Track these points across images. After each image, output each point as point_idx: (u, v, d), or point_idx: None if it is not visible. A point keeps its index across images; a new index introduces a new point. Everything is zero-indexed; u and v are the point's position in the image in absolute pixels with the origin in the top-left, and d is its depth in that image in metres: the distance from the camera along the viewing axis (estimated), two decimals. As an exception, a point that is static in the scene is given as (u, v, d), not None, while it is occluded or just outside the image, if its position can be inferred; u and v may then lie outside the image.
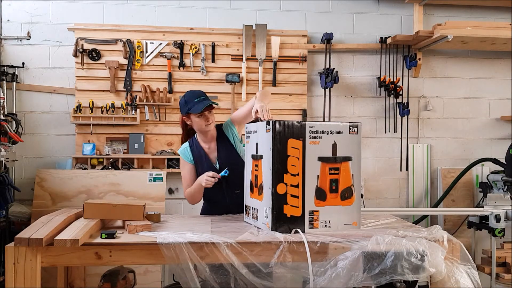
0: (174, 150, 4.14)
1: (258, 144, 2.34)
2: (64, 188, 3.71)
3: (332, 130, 2.25)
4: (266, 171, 2.23)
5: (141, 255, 2.03)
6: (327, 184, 2.23)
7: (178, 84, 4.18)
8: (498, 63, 4.63)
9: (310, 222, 2.20)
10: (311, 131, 2.20)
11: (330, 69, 4.24)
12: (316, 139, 2.21)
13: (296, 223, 2.18)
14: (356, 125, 2.30)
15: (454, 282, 1.99)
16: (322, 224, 2.23)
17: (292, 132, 2.18)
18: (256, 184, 2.34)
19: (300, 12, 4.38)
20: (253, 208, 2.39)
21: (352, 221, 2.30)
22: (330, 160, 2.24)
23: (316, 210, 2.21)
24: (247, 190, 2.48)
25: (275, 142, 2.16)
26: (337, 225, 2.25)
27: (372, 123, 4.47)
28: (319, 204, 2.22)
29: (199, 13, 4.27)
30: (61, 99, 4.14)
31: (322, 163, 2.23)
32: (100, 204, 2.33)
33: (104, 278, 2.87)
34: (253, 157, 2.40)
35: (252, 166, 2.40)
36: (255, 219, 2.35)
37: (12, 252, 1.91)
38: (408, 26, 4.47)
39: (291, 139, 2.18)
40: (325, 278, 1.93)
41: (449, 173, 4.46)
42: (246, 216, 2.49)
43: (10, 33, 4.08)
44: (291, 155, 2.18)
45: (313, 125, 2.21)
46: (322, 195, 2.23)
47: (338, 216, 2.26)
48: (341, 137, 2.26)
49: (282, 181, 2.16)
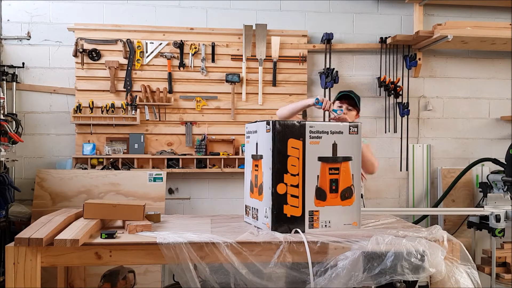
0: (174, 150, 4.14)
1: (258, 144, 2.34)
2: (64, 188, 3.71)
3: (332, 130, 2.24)
4: (266, 171, 2.23)
5: (141, 255, 2.03)
6: (327, 184, 2.23)
7: (178, 84, 4.18)
8: (498, 63, 4.63)
9: (310, 222, 2.20)
10: (311, 131, 2.20)
11: (330, 69, 4.24)
12: (316, 139, 2.21)
13: (296, 223, 2.18)
14: (356, 125, 2.29)
15: (454, 282, 1.99)
16: (322, 224, 2.23)
17: (292, 132, 2.18)
18: (256, 184, 2.34)
19: (300, 12, 4.38)
20: (253, 208, 2.39)
21: (352, 221, 2.29)
22: (330, 160, 2.24)
23: (316, 210, 2.21)
24: (247, 190, 2.47)
25: (275, 142, 2.16)
26: (337, 225, 2.25)
27: (372, 123, 4.47)
28: (319, 204, 2.22)
29: (199, 13, 4.27)
30: (61, 99, 4.14)
31: (322, 163, 2.23)
32: (100, 204, 2.33)
33: (104, 278, 2.87)
34: (253, 157, 2.40)
35: (252, 166, 2.40)
36: (255, 219, 2.35)
37: (12, 252, 1.91)
38: (408, 26, 4.47)
39: (291, 139, 2.17)
40: (325, 278, 1.93)
41: (449, 173, 4.46)
42: (246, 216, 2.49)
43: (10, 33, 4.08)
44: (291, 155, 2.17)
45: (313, 125, 2.21)
46: (322, 195, 2.23)
47: (338, 216, 2.26)
48: (341, 137, 2.26)
49: (282, 181, 2.16)
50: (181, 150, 4.17)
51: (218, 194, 4.25)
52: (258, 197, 2.32)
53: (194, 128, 4.19)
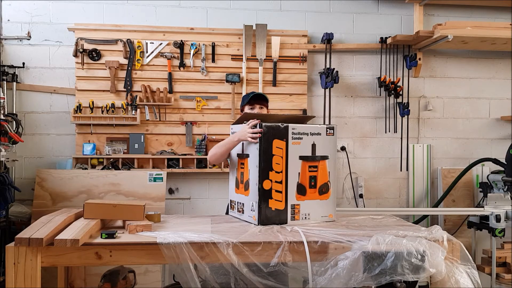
0: (174, 150, 4.14)
1: (244, 144, 2.53)
2: (64, 188, 3.71)
3: (311, 132, 2.47)
4: (252, 168, 2.42)
5: (141, 255, 2.03)
6: (307, 180, 2.46)
7: (178, 84, 4.18)
8: (498, 63, 4.63)
9: (292, 214, 2.42)
10: (293, 132, 2.42)
11: (330, 69, 4.24)
12: (297, 140, 2.43)
13: (280, 215, 2.39)
14: (332, 127, 2.53)
15: (454, 282, 1.99)
16: (302, 216, 2.45)
17: (276, 133, 2.39)
18: (242, 180, 2.53)
19: (300, 12, 4.38)
20: (238, 203, 2.58)
21: (328, 213, 2.53)
22: (310, 159, 2.47)
23: (297, 204, 2.43)
24: (232, 186, 2.65)
25: (261, 143, 2.36)
26: (315, 217, 2.48)
27: (372, 123, 4.47)
28: (300, 199, 2.44)
29: (199, 13, 4.27)
30: (61, 99, 4.14)
31: (303, 162, 2.45)
32: (100, 204, 2.33)
33: (104, 278, 2.87)
34: (239, 156, 2.59)
35: (238, 164, 2.60)
36: (241, 212, 2.53)
37: (12, 252, 1.92)
38: (408, 26, 4.47)
39: (275, 140, 2.39)
40: (325, 278, 1.93)
41: (449, 173, 4.46)
42: (231, 211, 2.66)
43: (10, 33, 4.08)
44: (276, 154, 2.38)
45: (295, 127, 2.42)
46: (303, 190, 2.45)
47: (316, 209, 2.48)
48: (319, 138, 2.49)
49: (267, 178, 2.36)
50: (181, 150, 4.17)
51: (218, 194, 4.25)
52: (244, 193, 2.51)
53: (194, 128, 4.19)
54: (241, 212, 2.53)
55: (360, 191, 4.41)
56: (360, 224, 2.48)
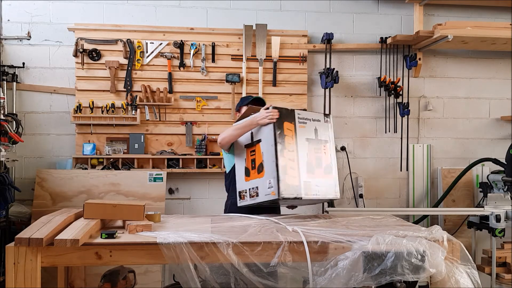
0: (174, 150, 4.14)
1: (253, 133, 2.72)
2: (64, 188, 3.72)
3: (313, 118, 2.77)
4: (266, 149, 2.60)
5: (141, 255, 2.03)
6: (313, 160, 2.70)
7: (178, 84, 4.18)
8: (498, 63, 4.63)
9: (304, 189, 2.60)
10: (299, 117, 2.69)
11: (330, 69, 4.24)
12: (303, 124, 2.71)
13: (295, 189, 2.56)
14: (327, 115, 2.88)
15: (454, 282, 1.99)
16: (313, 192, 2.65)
17: (286, 116, 2.64)
18: (254, 166, 2.69)
19: (300, 12, 4.38)
20: (250, 189, 2.70)
21: (334, 191, 2.77)
22: (315, 142, 2.75)
23: (308, 181, 2.63)
24: (241, 177, 2.77)
25: (274, 124, 2.59)
26: (325, 194, 2.71)
27: (372, 123, 4.47)
28: (310, 177, 2.66)
29: (199, 13, 4.27)
30: (61, 99, 4.14)
31: (309, 144, 2.71)
32: (100, 204, 2.33)
33: (104, 278, 2.87)
34: (246, 146, 2.77)
35: (246, 155, 2.76)
36: (254, 197, 2.65)
37: (12, 252, 1.92)
38: (408, 26, 4.47)
39: (286, 122, 2.63)
40: (325, 278, 1.93)
41: (449, 173, 4.46)
42: (242, 200, 2.75)
43: (10, 33, 4.08)
44: (287, 135, 2.62)
45: (300, 113, 2.71)
46: (311, 169, 2.68)
47: (324, 186, 2.71)
48: (319, 124, 2.79)
49: (282, 155, 2.56)
50: (181, 150, 4.17)
51: (218, 194, 4.24)
52: (258, 176, 2.65)
53: (194, 128, 4.19)
54: (255, 196, 2.64)
55: (360, 191, 4.41)
56: (360, 224, 2.48)
